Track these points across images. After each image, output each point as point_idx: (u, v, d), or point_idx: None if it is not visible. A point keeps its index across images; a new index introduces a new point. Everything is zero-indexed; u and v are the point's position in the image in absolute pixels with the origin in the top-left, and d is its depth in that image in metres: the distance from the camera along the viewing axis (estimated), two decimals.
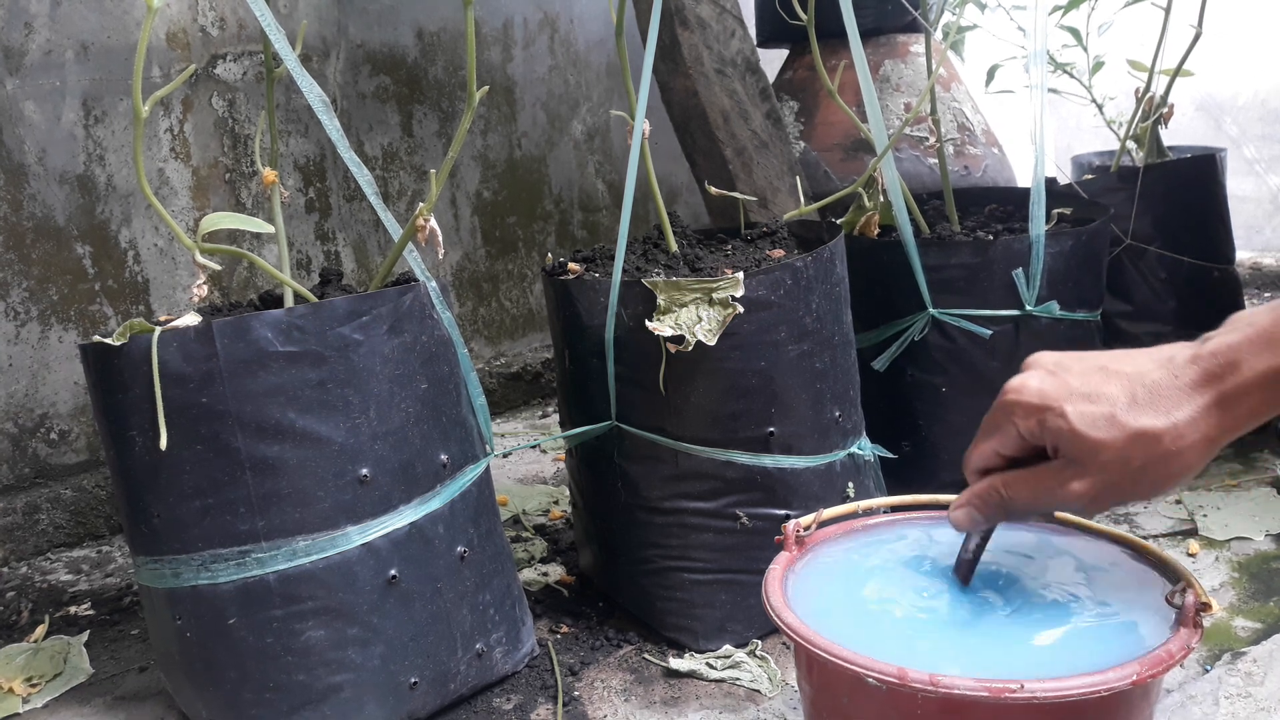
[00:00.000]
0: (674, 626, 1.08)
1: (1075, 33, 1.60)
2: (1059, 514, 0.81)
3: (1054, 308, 1.26)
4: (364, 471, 0.88)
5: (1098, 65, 1.61)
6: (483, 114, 1.96)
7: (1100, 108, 1.65)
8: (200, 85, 1.57)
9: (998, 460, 0.68)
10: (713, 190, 1.29)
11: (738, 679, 1.01)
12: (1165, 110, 1.54)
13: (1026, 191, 1.28)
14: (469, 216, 1.96)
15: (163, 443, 0.83)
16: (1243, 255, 2.58)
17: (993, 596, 0.73)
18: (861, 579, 0.76)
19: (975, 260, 1.25)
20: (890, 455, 1.18)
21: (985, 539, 0.73)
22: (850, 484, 1.09)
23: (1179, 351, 0.62)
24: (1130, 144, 1.57)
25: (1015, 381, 0.66)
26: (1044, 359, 0.66)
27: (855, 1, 1.17)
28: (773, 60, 2.11)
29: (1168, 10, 1.45)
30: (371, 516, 0.89)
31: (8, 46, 1.38)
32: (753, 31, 2.04)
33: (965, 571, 0.73)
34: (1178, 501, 1.34)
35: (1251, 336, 0.59)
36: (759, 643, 1.06)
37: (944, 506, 0.84)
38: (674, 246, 1.15)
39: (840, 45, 1.26)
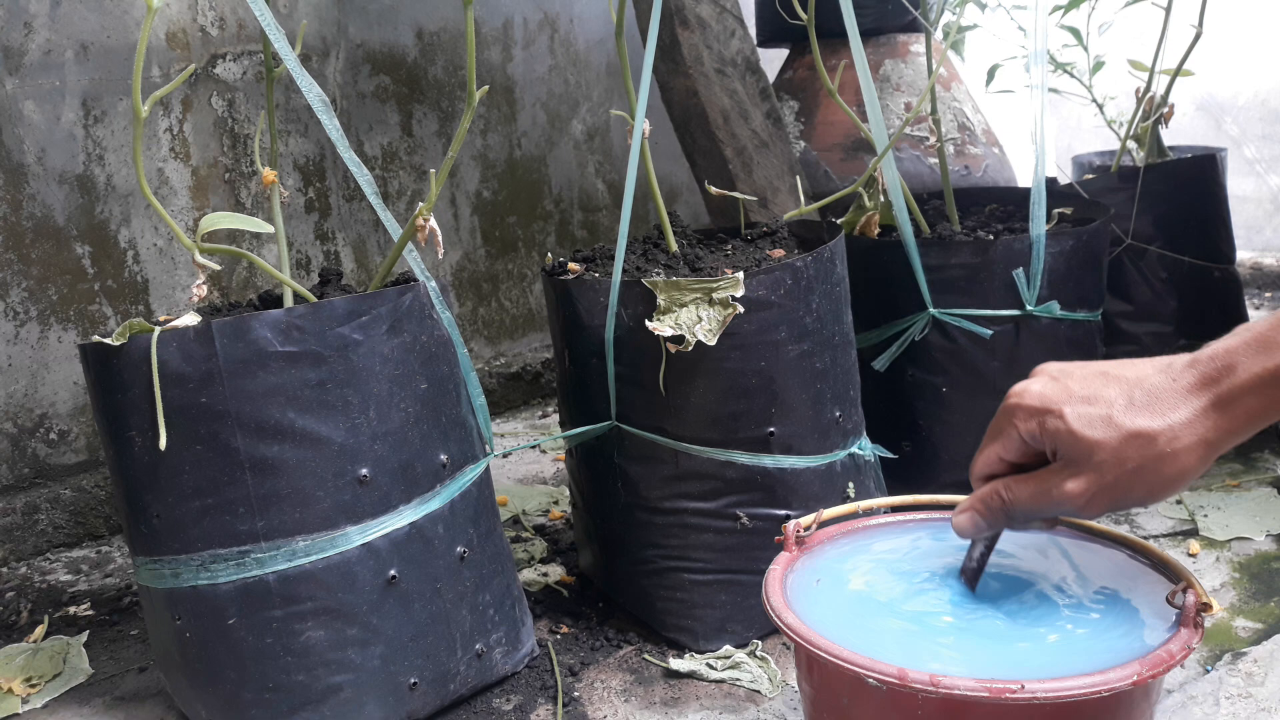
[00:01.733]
0: (674, 627, 1.08)
1: (1075, 32, 1.60)
2: (1062, 519, 0.81)
3: (1054, 308, 1.26)
4: (364, 472, 0.88)
5: (1098, 65, 1.61)
6: (483, 114, 1.96)
7: (1101, 108, 1.65)
8: (200, 85, 1.57)
9: (1001, 466, 0.69)
10: (713, 190, 1.29)
11: (738, 679, 1.01)
12: (1166, 110, 1.53)
13: (1027, 191, 1.28)
14: (469, 216, 1.96)
15: (162, 443, 0.83)
16: (1243, 255, 2.58)
17: (993, 597, 0.73)
18: (862, 579, 0.76)
19: (976, 260, 1.25)
20: (890, 455, 1.18)
21: (990, 545, 0.73)
22: (850, 484, 1.09)
23: (1178, 358, 0.62)
24: (1131, 144, 1.57)
25: (1018, 387, 0.67)
26: (1049, 367, 0.68)
27: (855, 1, 1.17)
28: (773, 60, 2.11)
29: (1168, 10, 1.45)
30: (371, 516, 0.89)
31: (8, 46, 1.38)
32: (753, 31, 2.04)
33: (971, 578, 0.73)
34: (1178, 502, 1.34)
35: (1249, 340, 0.60)
36: (759, 643, 1.06)
37: (945, 507, 0.84)
38: (674, 246, 1.15)
39: (840, 45, 1.27)
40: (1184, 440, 0.60)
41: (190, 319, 0.89)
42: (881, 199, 1.28)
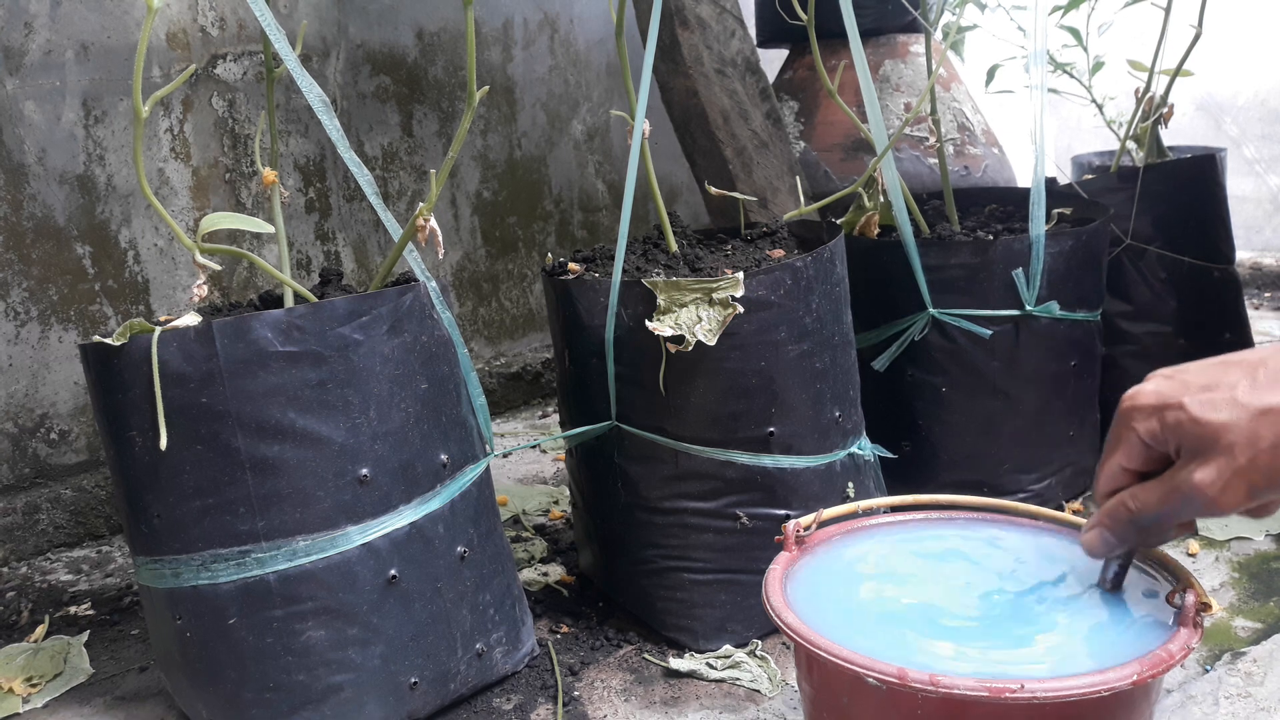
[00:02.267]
0: (674, 626, 1.08)
1: (1075, 33, 1.60)
2: (1065, 515, 0.81)
3: (1054, 308, 1.26)
4: (364, 471, 0.88)
5: (1098, 65, 1.61)
6: (483, 114, 1.96)
7: (1100, 108, 1.65)
8: (200, 85, 1.57)
9: (1125, 477, 0.65)
10: (713, 190, 1.29)
11: (738, 679, 1.01)
12: (1165, 110, 1.53)
13: (1026, 191, 1.28)
14: (469, 216, 1.96)
15: (163, 443, 0.83)
16: (1243, 255, 2.58)
17: (992, 596, 0.73)
18: (861, 579, 0.76)
19: (975, 260, 1.25)
20: (890, 455, 1.18)
21: (1125, 563, 0.70)
22: (850, 484, 1.09)
23: None
24: (1130, 144, 1.57)
25: (1131, 390, 0.64)
26: (1161, 370, 0.64)
27: (855, 1, 1.17)
28: (773, 60, 2.11)
29: (1168, 10, 1.45)
30: (371, 516, 0.89)
31: (8, 46, 1.38)
32: (753, 31, 2.04)
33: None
34: None
35: None
36: (759, 643, 1.06)
37: (944, 506, 0.84)
38: (674, 246, 1.15)
39: (840, 45, 1.27)
40: None
41: (191, 319, 0.89)
42: (881, 199, 1.28)
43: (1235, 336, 1.54)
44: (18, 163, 1.41)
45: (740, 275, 0.97)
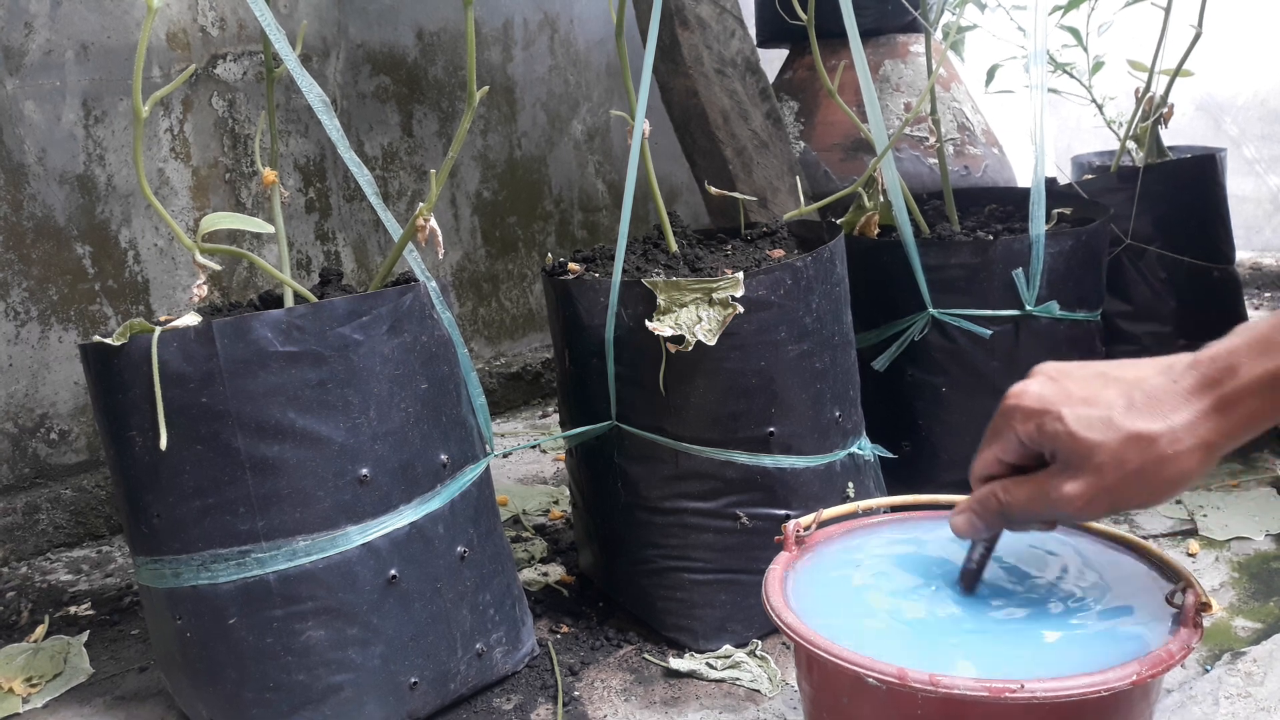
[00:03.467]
0: (674, 626, 1.08)
1: (1075, 33, 1.60)
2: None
3: (1054, 308, 1.26)
4: (364, 471, 0.88)
5: (1098, 65, 1.61)
6: (483, 114, 1.96)
7: (1100, 108, 1.65)
8: (200, 85, 1.57)
9: (999, 468, 0.68)
10: (713, 190, 1.29)
11: (738, 679, 1.01)
12: (1165, 110, 1.53)
13: (1026, 191, 1.28)
14: (469, 216, 1.96)
15: (163, 443, 0.83)
16: (1243, 255, 2.58)
17: (992, 596, 0.73)
18: (861, 579, 0.76)
19: (975, 260, 1.25)
20: (890, 455, 1.18)
21: (990, 547, 0.73)
22: (850, 484, 1.09)
23: (1179, 359, 0.62)
24: (1130, 144, 1.57)
25: (1017, 388, 0.66)
26: (1046, 367, 0.67)
27: (855, 1, 1.17)
28: (773, 60, 2.11)
29: (1168, 10, 1.45)
30: (371, 516, 0.89)
31: (8, 46, 1.38)
32: (753, 31, 2.04)
33: (970, 581, 0.73)
34: (1178, 502, 1.34)
35: (1250, 341, 0.59)
36: (759, 643, 1.06)
37: (944, 506, 0.84)
38: (674, 246, 1.15)
39: (840, 45, 1.26)
40: (1185, 442, 0.60)
41: (191, 319, 0.89)
42: (881, 199, 1.28)
43: None
44: (18, 163, 1.41)
45: (740, 275, 0.97)
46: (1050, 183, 1.40)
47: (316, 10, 1.70)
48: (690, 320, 0.97)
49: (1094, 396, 0.62)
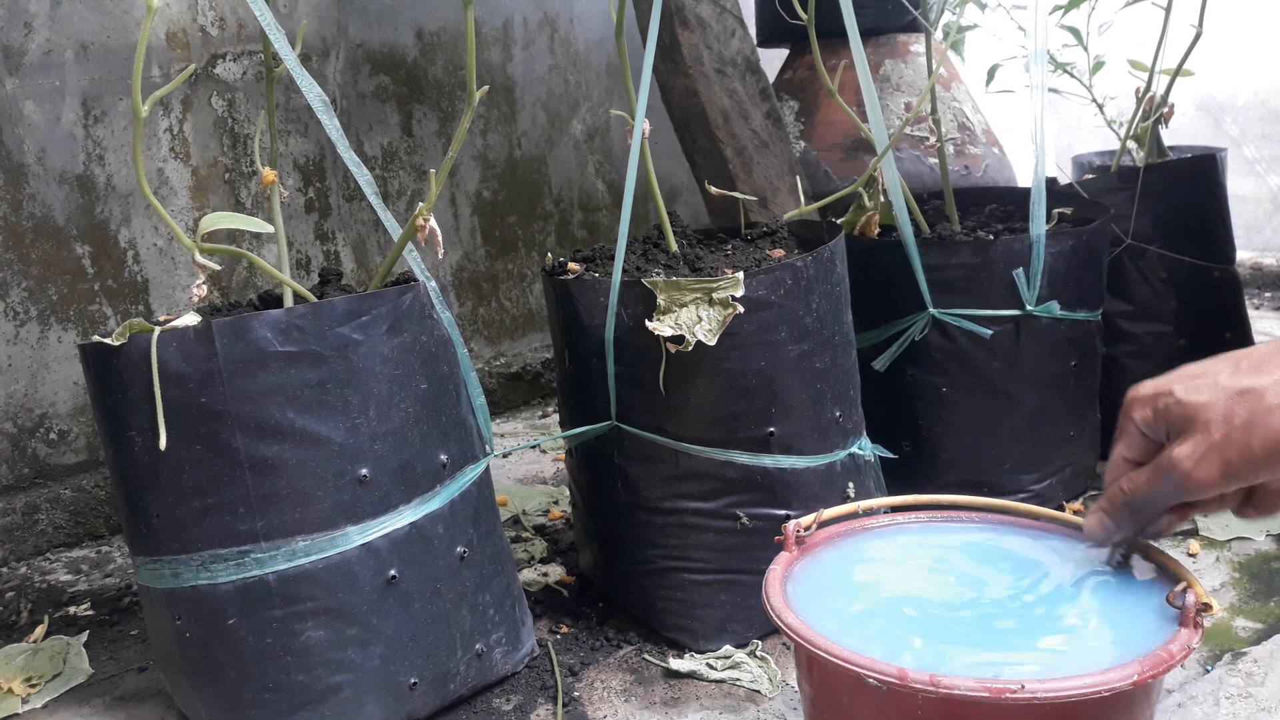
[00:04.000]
0: (674, 627, 1.08)
1: (1075, 32, 1.60)
2: (1065, 515, 0.81)
3: (1054, 307, 1.26)
4: (363, 472, 0.88)
5: (1098, 65, 1.61)
6: (482, 114, 1.96)
7: (1101, 107, 1.65)
8: (200, 85, 1.57)
9: (1125, 467, 0.69)
10: (713, 190, 1.29)
11: (738, 679, 1.01)
12: (1166, 110, 1.53)
13: (1027, 191, 1.28)
14: (469, 216, 1.96)
15: (162, 443, 0.83)
16: (1243, 255, 2.58)
17: (993, 597, 0.73)
18: (862, 579, 0.76)
19: (976, 260, 1.25)
20: (891, 455, 1.18)
21: (1126, 556, 0.73)
22: (850, 484, 1.09)
23: None
24: (1131, 144, 1.57)
25: (1136, 385, 0.68)
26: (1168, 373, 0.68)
27: (855, 1, 1.17)
28: (773, 60, 2.11)
29: (1168, 10, 1.45)
30: (371, 517, 0.89)
31: (7, 46, 1.38)
32: (753, 31, 2.04)
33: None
34: None
35: None
36: (759, 643, 1.06)
37: (945, 507, 0.84)
38: (674, 246, 1.15)
39: (840, 45, 1.26)
40: None
41: (190, 319, 0.89)
42: (881, 199, 1.28)
43: (1235, 336, 1.54)
44: (17, 162, 1.41)
45: (740, 275, 0.97)
46: (1051, 182, 1.40)
47: (316, 10, 1.70)
48: (690, 320, 0.97)
49: (1203, 370, 0.64)
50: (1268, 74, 2.72)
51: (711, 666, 1.03)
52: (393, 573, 0.90)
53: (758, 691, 1.00)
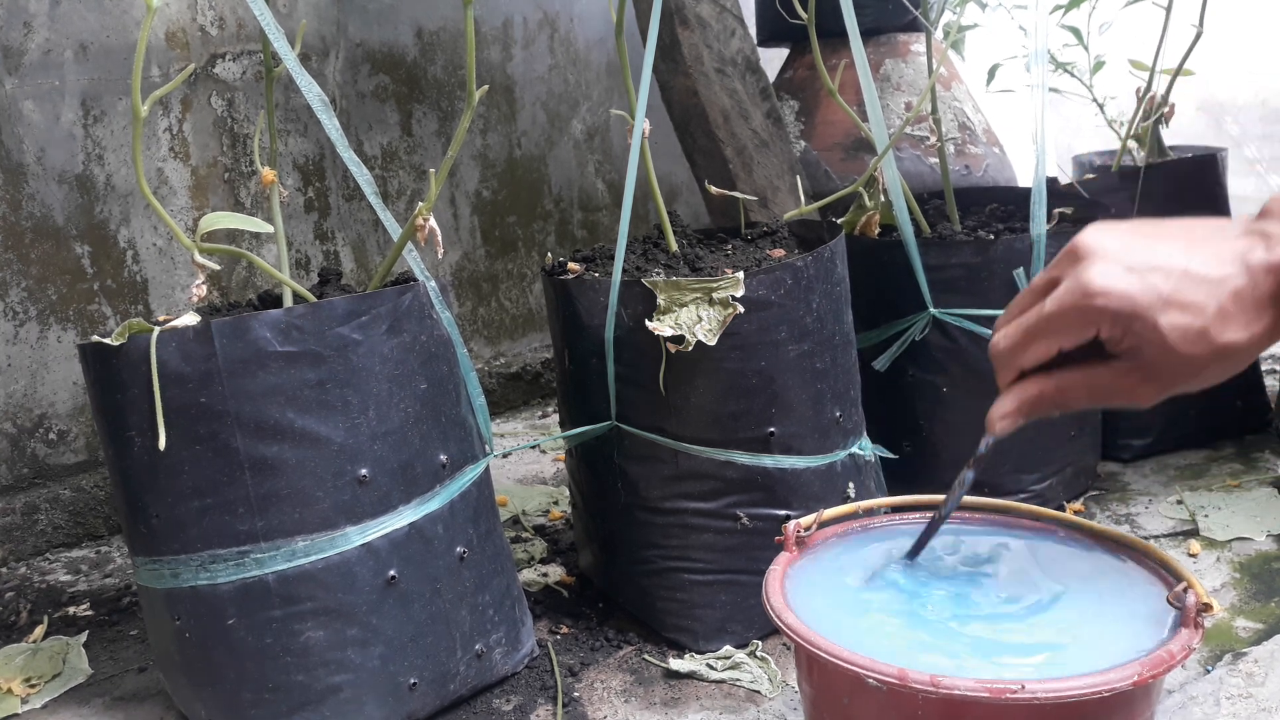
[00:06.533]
0: (674, 627, 1.08)
1: (1076, 32, 1.60)
2: (1066, 515, 0.81)
3: None
4: (363, 472, 0.88)
5: (1099, 65, 1.61)
6: (482, 113, 1.96)
7: (1101, 107, 1.65)
8: (199, 85, 1.57)
9: (1048, 357, 0.65)
10: (713, 190, 1.29)
11: (738, 680, 1.01)
12: (1166, 110, 1.53)
13: (1027, 191, 1.28)
14: (468, 216, 1.96)
15: (161, 443, 0.83)
16: None
17: (994, 597, 0.73)
18: (862, 580, 0.76)
19: (976, 260, 1.25)
20: (891, 455, 1.18)
21: (979, 463, 0.73)
22: (851, 484, 1.09)
23: (1252, 252, 0.60)
24: (1131, 143, 1.57)
25: (1095, 281, 0.61)
26: (1106, 243, 0.62)
27: (855, 1, 1.16)
28: (773, 60, 2.10)
29: (1168, 10, 1.45)
30: (371, 517, 0.89)
31: (7, 46, 1.38)
32: (753, 31, 2.04)
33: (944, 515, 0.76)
34: (1179, 502, 1.34)
35: None
36: (759, 643, 1.06)
37: None
38: (674, 246, 1.15)
39: (841, 44, 1.26)
40: (1258, 349, 0.60)
41: (190, 319, 0.89)
42: (882, 199, 1.28)
43: None
44: (17, 162, 1.41)
45: (740, 275, 0.96)
46: (1051, 182, 1.40)
47: (316, 9, 1.70)
48: (690, 320, 0.97)
49: (1187, 301, 0.59)
50: (1269, 74, 2.72)
51: (711, 667, 1.03)
52: (392, 573, 0.90)
53: (758, 692, 1.00)
